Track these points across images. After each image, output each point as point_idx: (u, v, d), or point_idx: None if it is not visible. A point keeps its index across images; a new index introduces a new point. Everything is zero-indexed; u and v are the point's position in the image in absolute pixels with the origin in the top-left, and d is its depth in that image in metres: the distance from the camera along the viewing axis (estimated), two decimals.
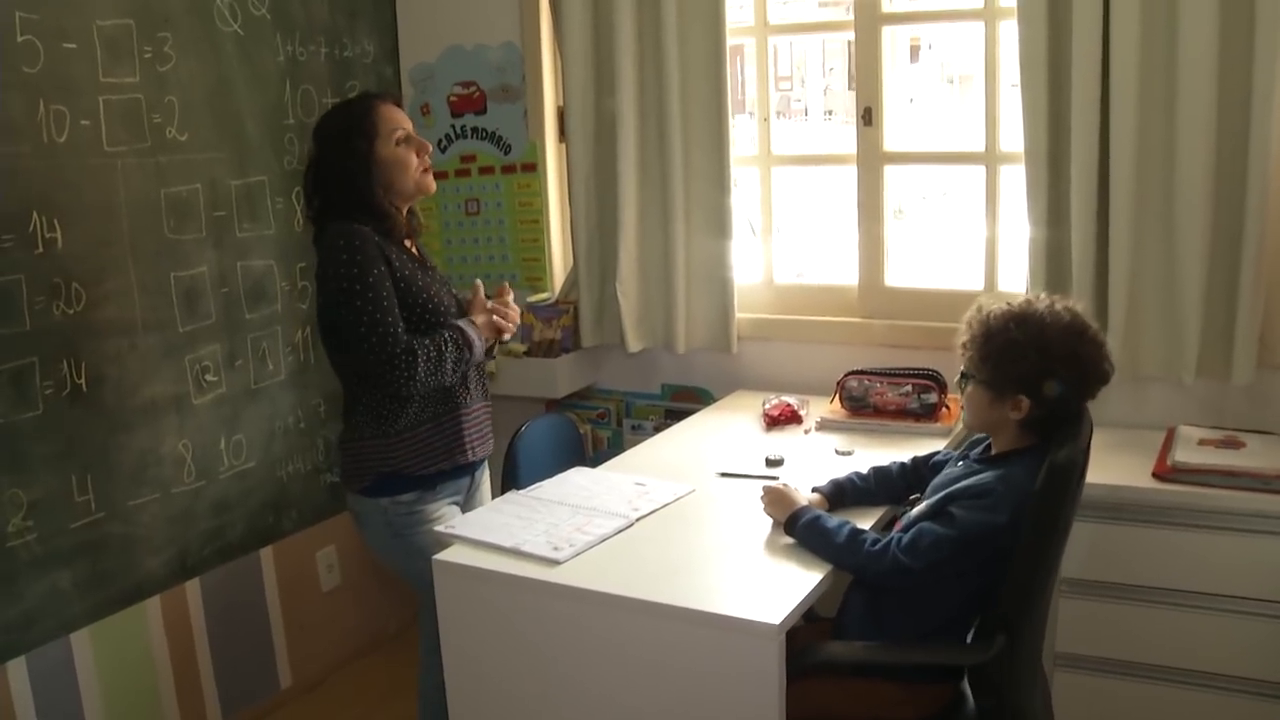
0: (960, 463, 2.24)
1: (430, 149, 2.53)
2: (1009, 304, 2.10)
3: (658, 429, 3.38)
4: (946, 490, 2.09)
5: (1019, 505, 1.98)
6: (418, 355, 2.34)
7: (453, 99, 3.64)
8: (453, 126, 3.65)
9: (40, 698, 2.72)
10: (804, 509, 2.17)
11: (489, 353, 2.58)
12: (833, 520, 2.13)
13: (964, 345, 2.14)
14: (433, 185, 2.55)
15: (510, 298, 2.60)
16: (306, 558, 3.51)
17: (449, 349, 2.39)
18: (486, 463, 2.73)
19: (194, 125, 3.02)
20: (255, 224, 3.23)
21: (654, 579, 2.04)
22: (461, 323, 2.47)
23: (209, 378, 3.11)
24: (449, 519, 2.48)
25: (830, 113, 12.49)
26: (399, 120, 2.48)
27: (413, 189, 2.51)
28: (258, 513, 3.32)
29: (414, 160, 2.48)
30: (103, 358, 2.81)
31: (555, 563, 2.10)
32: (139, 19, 2.86)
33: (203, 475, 3.11)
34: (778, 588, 1.98)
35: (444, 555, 2.20)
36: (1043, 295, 2.13)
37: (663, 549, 2.19)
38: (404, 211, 2.52)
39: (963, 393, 2.18)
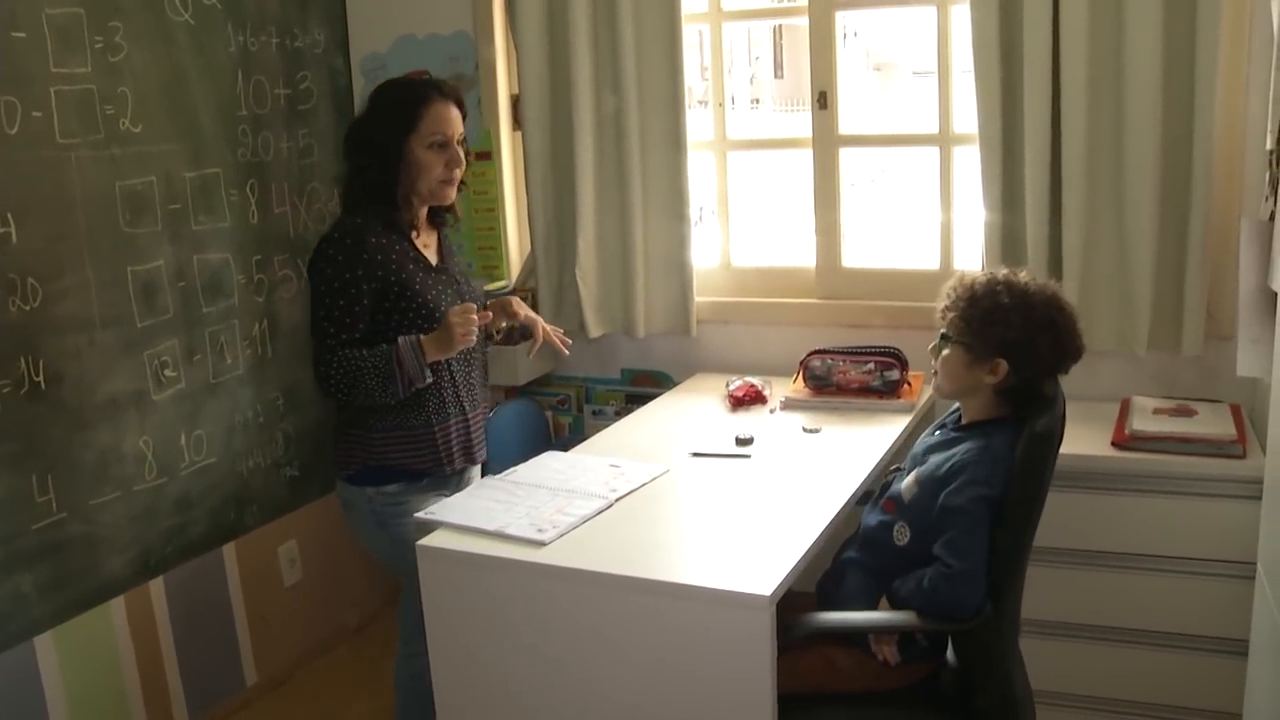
0: (937, 432, 2.29)
1: (461, 165, 2.49)
2: (992, 273, 2.17)
3: (619, 414, 3.41)
4: (934, 474, 2.14)
5: (1005, 477, 2.04)
6: (332, 370, 2.37)
7: None
8: None
9: (5, 703, 2.66)
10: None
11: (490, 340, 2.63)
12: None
13: (944, 310, 2.20)
14: (450, 196, 2.52)
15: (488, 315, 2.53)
16: (269, 553, 3.48)
17: (369, 365, 2.36)
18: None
19: (147, 117, 2.97)
20: (211, 217, 3.18)
21: (641, 556, 2.07)
22: (402, 341, 2.38)
23: (168, 373, 3.07)
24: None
25: (757, 101, 12.56)
26: (443, 125, 2.43)
27: (428, 194, 2.49)
28: (220, 509, 3.28)
29: (439, 169, 2.45)
30: (61, 354, 2.76)
31: (541, 544, 2.12)
32: (89, 8, 2.80)
33: (164, 472, 3.07)
34: (765, 560, 2.01)
35: (428, 540, 2.20)
36: (1021, 271, 2.19)
37: (645, 527, 2.22)
38: (421, 208, 2.51)
39: (937, 357, 2.23)
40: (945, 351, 2.20)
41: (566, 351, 2.78)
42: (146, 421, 3.01)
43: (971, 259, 3.05)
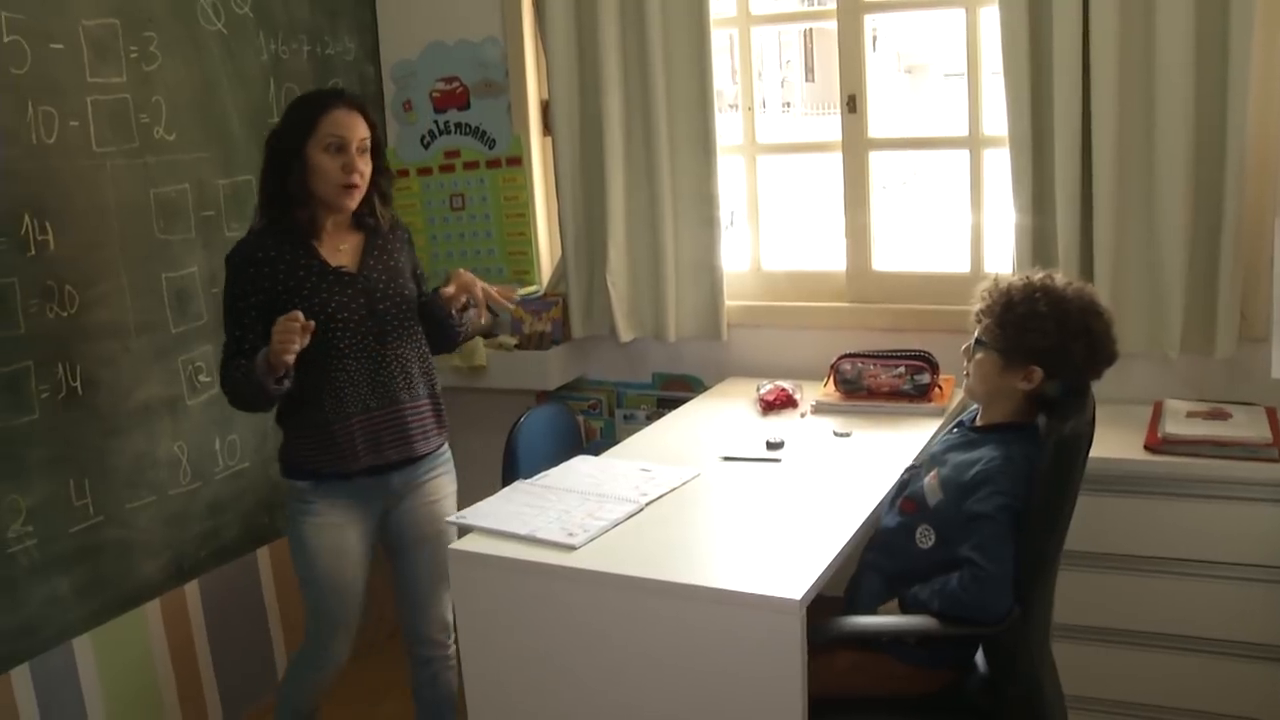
0: (955, 430, 2.29)
1: (359, 170, 2.45)
2: (1029, 278, 2.16)
3: (650, 418, 3.42)
4: (959, 480, 2.13)
5: (1027, 487, 2.04)
6: (224, 383, 2.47)
7: (435, 95, 3.64)
8: (436, 122, 3.66)
9: (44, 705, 2.70)
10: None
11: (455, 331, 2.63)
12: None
13: (979, 314, 2.20)
14: (348, 205, 2.48)
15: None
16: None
17: (241, 376, 2.42)
18: (442, 465, 2.70)
19: (180, 125, 3.01)
20: (243, 224, 3.18)
21: (671, 560, 2.07)
22: (260, 352, 2.36)
23: (202, 378, 3.10)
24: (339, 525, 2.54)
25: (788, 104, 12.55)
26: (339, 128, 2.43)
27: (326, 199, 2.47)
28: (253, 513, 3.31)
29: (336, 173, 2.43)
30: (96, 360, 2.80)
31: (571, 548, 2.12)
32: (124, 19, 2.84)
33: (198, 476, 3.11)
34: (795, 564, 2.01)
35: (459, 545, 2.22)
36: (1058, 274, 2.18)
37: (676, 531, 2.22)
38: (323, 214, 2.49)
39: (970, 359, 2.22)
40: (978, 355, 2.19)
41: (510, 307, 2.70)
42: (180, 427, 3.04)
43: (1002, 261, 3.04)
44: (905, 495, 2.27)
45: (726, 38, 3.40)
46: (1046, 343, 2.08)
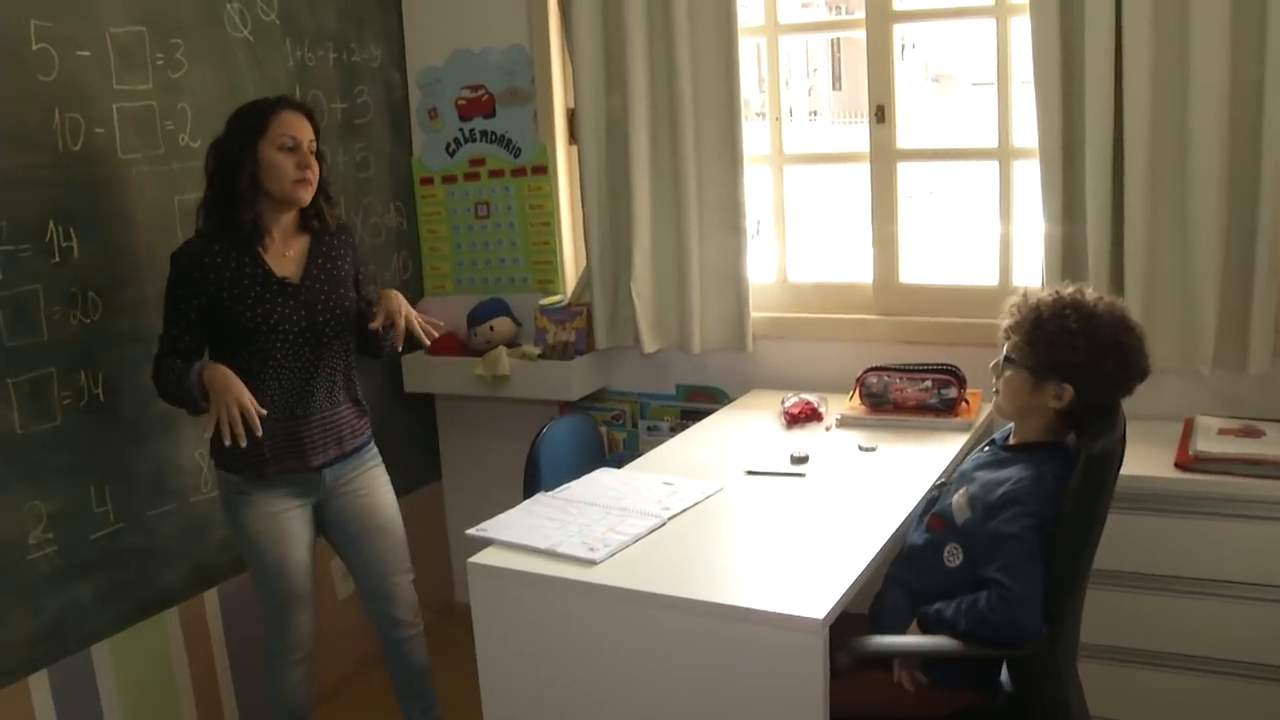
0: (986, 449, 2.25)
1: (312, 166, 2.55)
2: (1058, 293, 2.12)
3: (674, 430, 3.39)
4: (986, 498, 2.09)
5: (1055, 509, 2.01)
6: (155, 378, 2.54)
7: (461, 103, 3.63)
8: (461, 130, 3.65)
9: (62, 711, 2.70)
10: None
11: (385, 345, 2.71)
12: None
13: (1008, 330, 2.16)
14: (304, 197, 2.56)
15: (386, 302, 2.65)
16: (321, 565, 3.45)
17: (171, 378, 2.50)
18: (365, 466, 2.78)
19: (206, 132, 2.97)
20: None
21: (692, 577, 2.05)
22: (195, 366, 2.47)
23: None
24: (277, 512, 2.63)
25: (815, 114, 12.49)
26: (291, 129, 2.52)
27: (280, 195, 2.54)
28: None
29: (290, 167, 2.52)
30: (119, 368, 2.80)
31: (592, 563, 2.10)
32: (151, 26, 2.85)
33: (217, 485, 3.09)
34: (818, 582, 1.98)
35: (479, 558, 2.19)
36: (1088, 288, 2.14)
37: (698, 547, 2.20)
38: (272, 216, 2.56)
39: (999, 377, 2.18)
40: (1007, 373, 2.15)
41: (428, 342, 2.71)
42: (201, 434, 3.03)
43: (1031, 274, 3.00)
44: (934, 512, 2.23)
45: (754, 46, 3.38)
46: (1077, 359, 2.04)
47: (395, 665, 2.92)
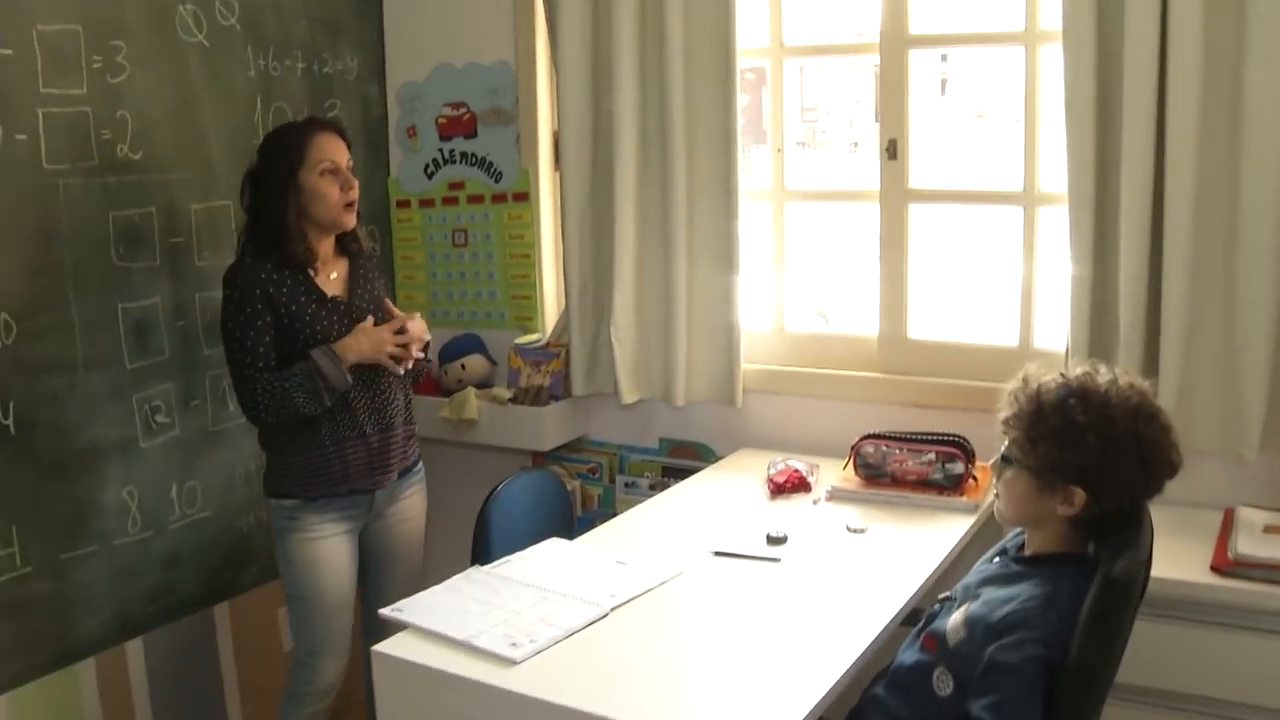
0: (996, 559, 1.92)
1: (355, 187, 2.52)
2: (1063, 376, 1.79)
3: (653, 488, 3.11)
4: (987, 618, 1.77)
5: (1068, 638, 1.67)
6: (259, 398, 2.43)
7: (441, 121, 3.36)
8: (440, 151, 3.37)
9: None
10: None
11: (420, 366, 2.65)
12: None
13: (1007, 422, 1.82)
14: (351, 222, 2.55)
15: (410, 323, 2.55)
16: (267, 615, 3.22)
17: (294, 383, 2.42)
18: (416, 481, 2.74)
19: (149, 143, 2.76)
20: (217, 252, 2.95)
21: (627, 687, 1.74)
22: (316, 351, 2.44)
23: (160, 419, 2.84)
24: (328, 537, 2.55)
25: (856, 145, 12.18)
26: (329, 152, 2.49)
27: (329, 222, 2.52)
28: (214, 567, 3.03)
29: (335, 193, 2.49)
30: (35, 398, 2.55)
31: (511, 662, 1.80)
32: (88, 26, 2.60)
33: (150, 525, 2.83)
34: (782, 697, 1.69)
35: (384, 646, 1.90)
36: (1102, 367, 1.81)
37: (641, 647, 1.89)
38: (317, 241, 2.53)
39: (999, 478, 1.85)
40: (1007, 474, 1.82)
41: (400, 371, 2.56)
42: (132, 471, 2.78)
43: (1055, 336, 2.67)
44: (929, 630, 1.90)
45: (766, 72, 3.07)
46: (1086, 459, 1.71)
47: None
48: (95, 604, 2.72)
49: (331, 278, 2.57)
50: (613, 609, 1.99)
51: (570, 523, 2.92)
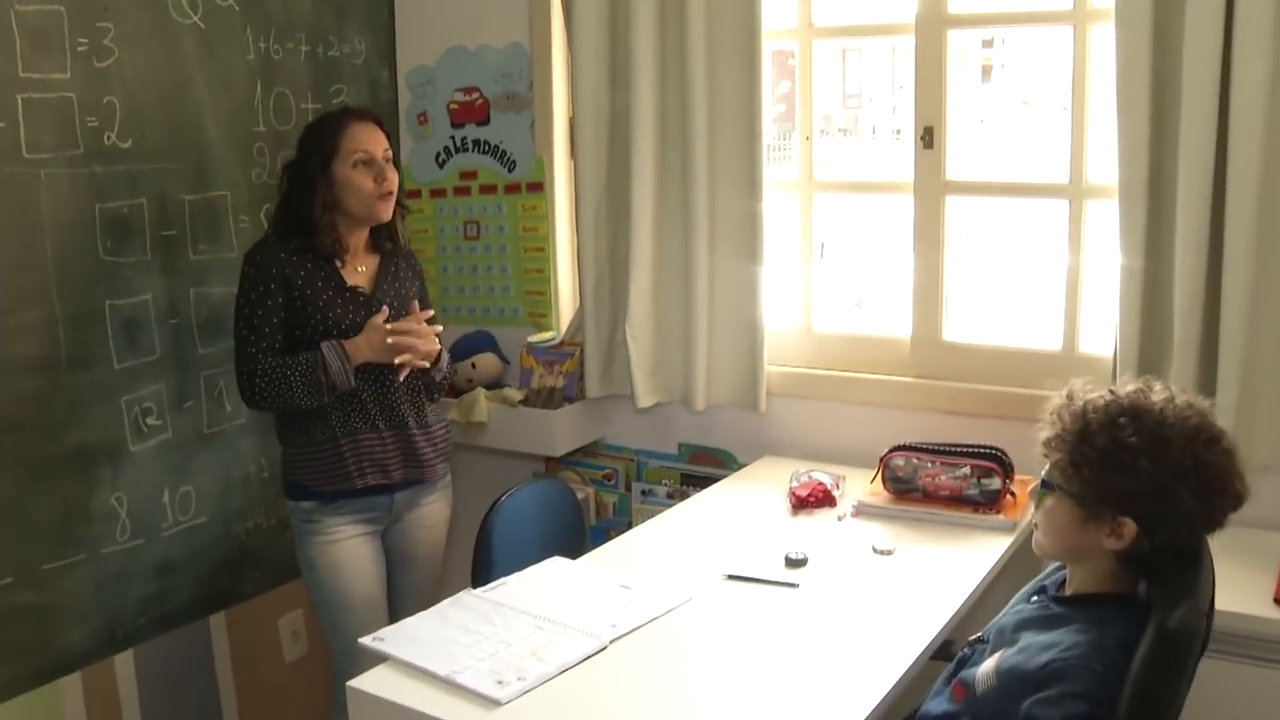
0: (1035, 598, 1.73)
1: (391, 179, 2.44)
2: (1113, 393, 1.59)
3: (671, 496, 2.94)
4: (1023, 667, 1.58)
5: (1116, 692, 1.47)
6: (256, 379, 2.38)
7: (453, 107, 3.20)
8: (452, 138, 3.21)
9: None
10: None
11: (433, 378, 2.55)
12: None
13: (1048, 443, 1.63)
14: (387, 213, 2.48)
15: (423, 319, 2.48)
16: (267, 624, 3.09)
17: (295, 372, 2.37)
18: (441, 490, 2.65)
19: (140, 131, 2.62)
20: (214, 245, 2.81)
21: None
22: (325, 345, 2.38)
23: (151, 421, 2.70)
24: (349, 539, 2.48)
25: (899, 132, 11.92)
26: (364, 143, 2.43)
27: (363, 214, 2.45)
28: (209, 575, 2.90)
29: (369, 185, 2.42)
30: (15, 400, 2.42)
31: (495, 703, 1.64)
32: (71, 6, 2.46)
33: (140, 533, 2.71)
34: None
35: (358, 682, 1.75)
36: (1157, 384, 1.61)
37: (640, 685, 1.73)
38: (349, 234, 2.47)
39: (1038, 506, 1.66)
40: (1048, 502, 1.63)
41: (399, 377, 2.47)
42: (121, 476, 2.65)
43: (1102, 340, 2.47)
44: (959, 676, 1.72)
45: (796, 55, 2.87)
46: (1138, 486, 1.51)
47: None
48: (82, 615, 2.60)
49: (359, 270, 2.51)
50: (612, 641, 1.83)
51: (582, 534, 2.77)
